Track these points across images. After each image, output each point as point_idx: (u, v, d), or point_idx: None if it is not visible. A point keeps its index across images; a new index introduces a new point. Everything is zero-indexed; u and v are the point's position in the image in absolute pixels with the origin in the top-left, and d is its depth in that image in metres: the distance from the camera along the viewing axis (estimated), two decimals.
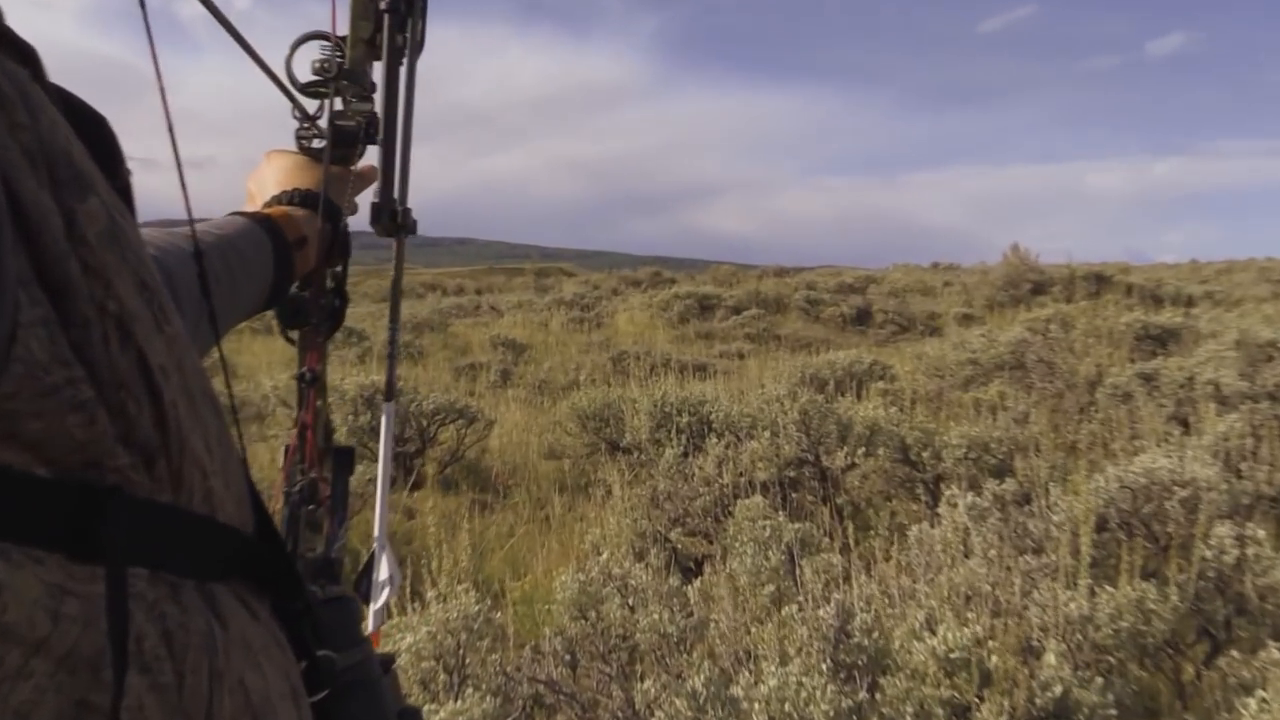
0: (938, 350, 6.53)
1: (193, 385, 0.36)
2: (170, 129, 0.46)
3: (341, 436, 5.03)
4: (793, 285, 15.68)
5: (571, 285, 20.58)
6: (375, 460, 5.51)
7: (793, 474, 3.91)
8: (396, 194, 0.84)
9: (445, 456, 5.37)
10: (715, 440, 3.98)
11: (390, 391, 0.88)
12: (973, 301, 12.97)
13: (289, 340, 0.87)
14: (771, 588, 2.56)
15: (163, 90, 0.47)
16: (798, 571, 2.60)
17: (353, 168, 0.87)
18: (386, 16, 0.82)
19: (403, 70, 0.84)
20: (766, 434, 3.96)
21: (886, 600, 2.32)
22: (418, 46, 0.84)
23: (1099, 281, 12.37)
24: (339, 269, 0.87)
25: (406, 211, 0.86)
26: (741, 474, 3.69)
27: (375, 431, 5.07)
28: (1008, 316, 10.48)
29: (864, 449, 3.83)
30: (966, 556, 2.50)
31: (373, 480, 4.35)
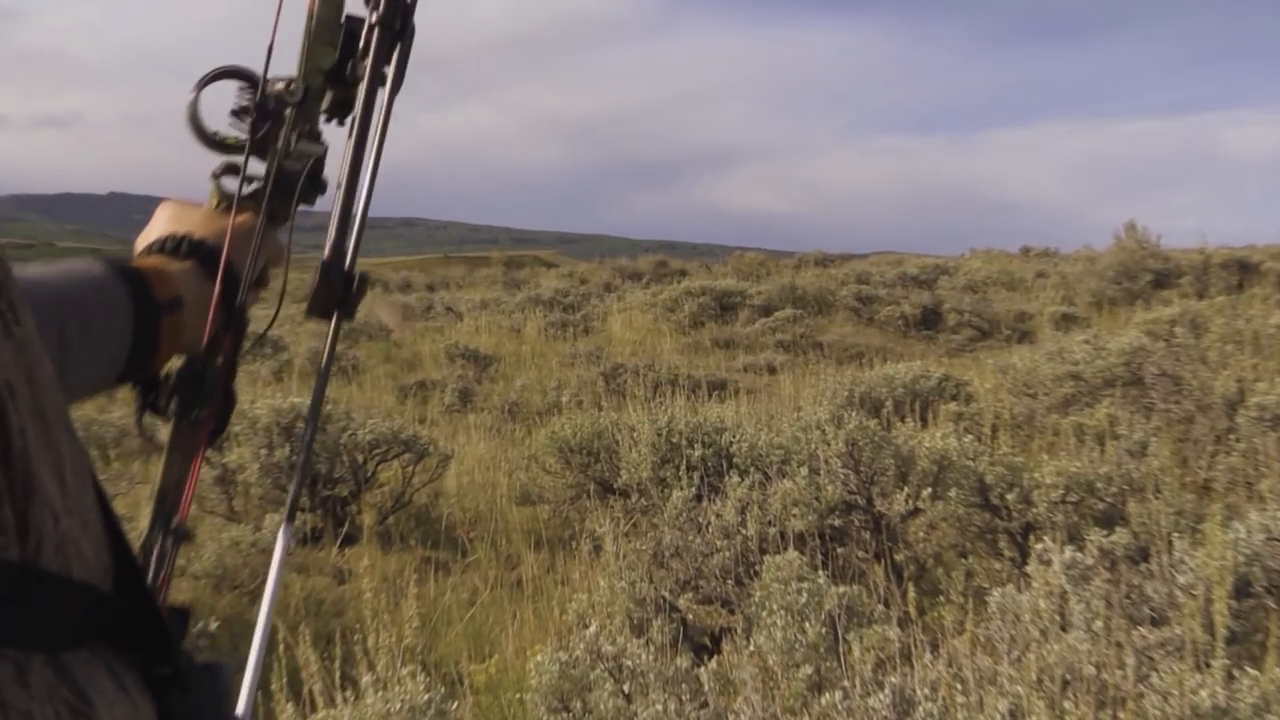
0: (1028, 361, 6.54)
1: (45, 402, 0.36)
2: None
3: (253, 475, 5.05)
4: (839, 277, 15.73)
5: (552, 279, 20.66)
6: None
7: (837, 522, 3.92)
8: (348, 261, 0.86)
9: (387, 502, 5.38)
10: (737, 479, 3.99)
11: (292, 512, 0.87)
12: (1074, 298, 13.01)
13: (145, 439, 0.87)
14: (809, 669, 2.57)
15: None
16: (843, 648, 2.60)
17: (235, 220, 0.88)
18: (375, 31, 0.85)
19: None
20: (803, 471, 3.97)
21: (958, 685, 2.33)
22: (398, 81, 0.87)
23: (1242, 270, 12.40)
24: (228, 352, 0.87)
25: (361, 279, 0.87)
26: (771, 523, 3.70)
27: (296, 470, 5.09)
28: (1120, 317, 10.50)
29: (930, 490, 3.84)
30: (1064, 629, 2.51)
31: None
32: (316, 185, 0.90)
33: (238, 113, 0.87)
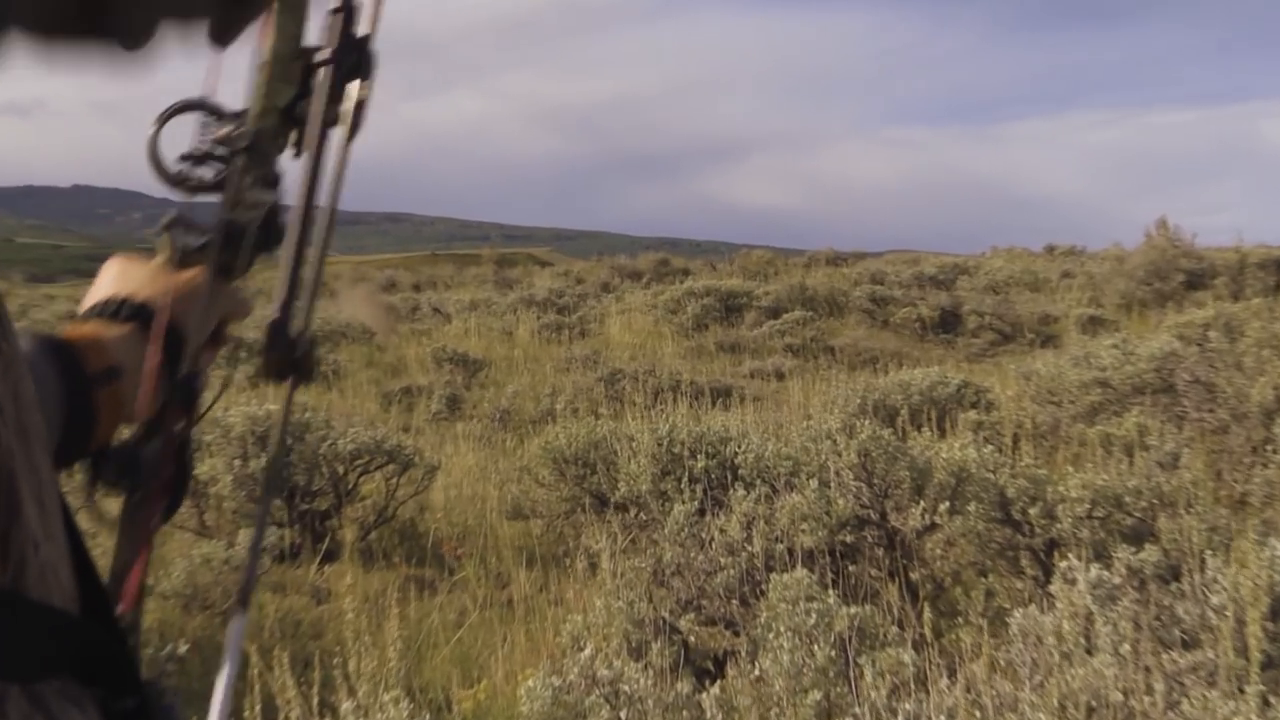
0: (1052, 367, 6.55)
1: (28, 422, 0.37)
2: None
3: (226, 488, 5.05)
4: (852, 277, 15.77)
5: (546, 278, 20.69)
6: (271, 523, 5.51)
7: (849, 539, 3.92)
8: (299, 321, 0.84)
9: (369, 516, 5.38)
10: (742, 492, 4.00)
11: (245, 595, 0.83)
12: (1102, 299, 13.03)
13: (96, 514, 0.82)
14: (818, 695, 2.56)
15: None
16: (854, 673, 2.60)
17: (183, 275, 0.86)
18: (326, 69, 0.83)
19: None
20: (813, 483, 3.98)
21: (977, 712, 2.33)
22: (356, 125, 0.85)
23: None
24: (178, 423, 0.85)
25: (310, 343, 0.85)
26: (778, 539, 3.70)
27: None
28: (1151, 320, 10.52)
29: (948, 504, 3.84)
30: (1089, 653, 2.51)
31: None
32: (272, 235, 0.88)
33: (187, 158, 0.85)
